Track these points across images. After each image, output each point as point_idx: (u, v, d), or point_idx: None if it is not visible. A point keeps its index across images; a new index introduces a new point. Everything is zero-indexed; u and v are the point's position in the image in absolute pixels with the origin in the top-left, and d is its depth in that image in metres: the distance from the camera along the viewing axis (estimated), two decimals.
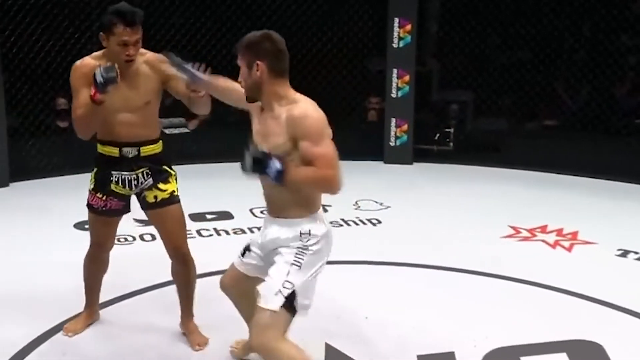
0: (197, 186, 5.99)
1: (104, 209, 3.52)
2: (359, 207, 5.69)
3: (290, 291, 2.81)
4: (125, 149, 3.43)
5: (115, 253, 3.76)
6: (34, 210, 5.47)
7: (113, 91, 3.25)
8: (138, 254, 4.64)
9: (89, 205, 3.57)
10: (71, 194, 5.20)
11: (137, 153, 3.45)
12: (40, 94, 6.38)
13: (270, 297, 2.81)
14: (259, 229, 5.06)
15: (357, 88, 7.34)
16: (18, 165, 6.07)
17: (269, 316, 2.80)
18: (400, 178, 6.54)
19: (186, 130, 7.11)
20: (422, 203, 5.84)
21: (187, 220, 5.18)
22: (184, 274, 3.63)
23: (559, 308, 4.07)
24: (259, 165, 2.78)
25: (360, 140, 7.09)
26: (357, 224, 5.37)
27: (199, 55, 7.06)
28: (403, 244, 4.98)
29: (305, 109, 2.81)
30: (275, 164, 2.74)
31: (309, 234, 2.90)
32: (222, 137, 6.92)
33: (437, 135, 7.09)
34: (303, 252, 2.86)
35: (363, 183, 6.23)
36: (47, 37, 6.30)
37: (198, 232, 5.14)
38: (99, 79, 3.14)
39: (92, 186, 3.55)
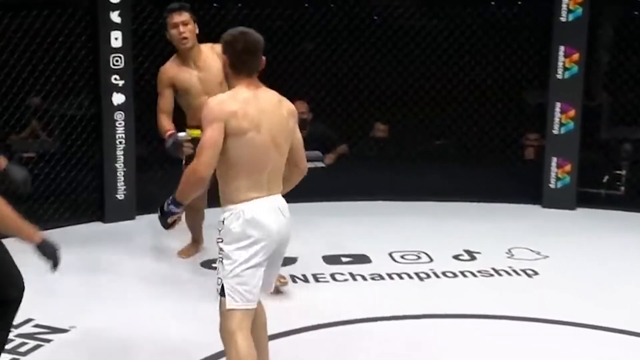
0: (333, 226, 6.08)
1: None
2: (513, 255, 5.57)
3: (220, 286, 3.29)
4: None
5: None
6: (158, 247, 5.66)
7: (190, 79, 4.88)
8: (289, 296, 4.75)
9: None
10: None
11: None
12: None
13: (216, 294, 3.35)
14: (399, 275, 5.17)
15: (513, 123, 7.22)
16: (145, 197, 6.29)
17: (219, 310, 3.33)
18: (560, 225, 6.34)
19: (322, 165, 7.20)
20: (586, 254, 5.64)
21: (320, 262, 5.34)
22: None
23: None
24: (162, 214, 3.35)
25: (515, 180, 6.96)
26: (509, 275, 5.25)
27: (345, 80, 7.17)
28: (563, 299, 4.83)
29: (211, 99, 3.32)
30: (167, 202, 3.32)
31: (223, 222, 3.28)
32: (362, 173, 6.98)
33: (606, 177, 6.85)
34: (219, 244, 3.29)
35: (518, 229, 6.11)
36: None
37: (332, 276, 5.18)
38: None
39: (184, 161, 4.83)
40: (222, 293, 3.28)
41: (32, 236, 3.21)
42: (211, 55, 4.87)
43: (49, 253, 3.29)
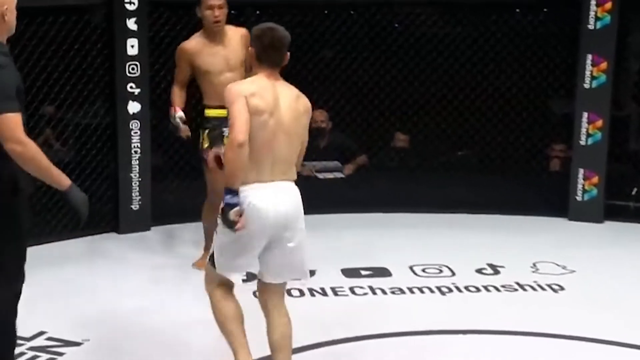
0: (352, 238, 6.08)
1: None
2: (537, 269, 5.54)
3: (212, 251, 3.69)
4: None
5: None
6: (174, 258, 5.67)
7: (214, 55, 5.08)
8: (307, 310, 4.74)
9: (205, 161, 5.02)
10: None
11: None
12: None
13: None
14: (420, 289, 5.15)
15: (539, 133, 7.17)
16: (161, 208, 6.30)
17: (205, 268, 3.83)
18: (587, 238, 6.30)
19: (341, 176, 7.20)
20: (614, 268, 5.60)
21: (339, 275, 5.33)
22: None
23: None
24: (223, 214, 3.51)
25: (540, 192, 6.92)
26: (534, 290, 5.22)
27: (365, 89, 7.16)
28: (590, 315, 4.80)
29: (231, 84, 3.73)
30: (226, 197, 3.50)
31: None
32: (382, 184, 6.96)
33: (635, 190, 6.79)
34: (218, 218, 3.56)
35: (543, 242, 6.06)
36: None
37: (351, 289, 5.17)
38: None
39: (207, 145, 5.10)
40: (211, 259, 3.67)
41: (62, 182, 3.34)
42: (234, 35, 5.18)
43: (77, 202, 3.35)
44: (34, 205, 5.41)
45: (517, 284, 5.28)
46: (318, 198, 6.73)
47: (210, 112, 5.16)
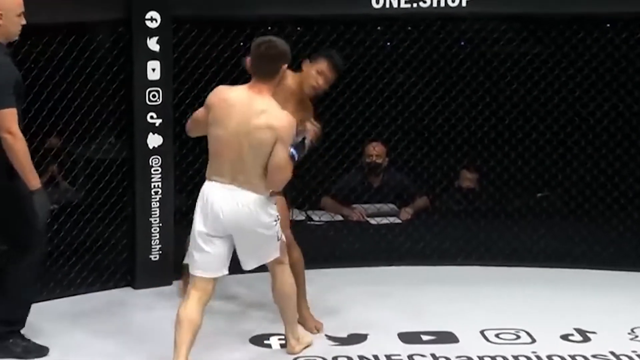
0: (411, 296, 6.03)
1: None
2: (637, 336, 5.43)
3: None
4: None
5: None
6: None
7: None
8: None
9: None
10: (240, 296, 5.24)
11: None
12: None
13: None
14: (493, 358, 5.07)
15: (636, 173, 7.09)
16: (184, 258, 6.24)
17: None
18: None
19: (398, 221, 7.18)
20: None
21: (396, 340, 5.30)
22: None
23: None
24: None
25: (639, 243, 6.81)
26: None
27: (425, 119, 7.12)
28: None
29: (219, 87, 4.83)
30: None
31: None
32: (446, 231, 6.89)
33: None
34: None
35: None
36: None
37: (410, 358, 5.09)
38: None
39: None
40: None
41: (32, 182, 4.49)
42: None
43: (40, 204, 4.49)
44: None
45: (612, 353, 5.18)
46: (370, 247, 6.70)
47: None
